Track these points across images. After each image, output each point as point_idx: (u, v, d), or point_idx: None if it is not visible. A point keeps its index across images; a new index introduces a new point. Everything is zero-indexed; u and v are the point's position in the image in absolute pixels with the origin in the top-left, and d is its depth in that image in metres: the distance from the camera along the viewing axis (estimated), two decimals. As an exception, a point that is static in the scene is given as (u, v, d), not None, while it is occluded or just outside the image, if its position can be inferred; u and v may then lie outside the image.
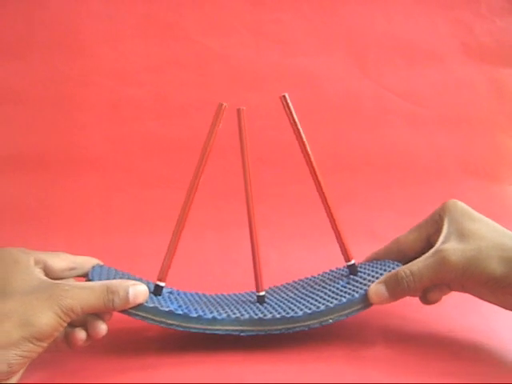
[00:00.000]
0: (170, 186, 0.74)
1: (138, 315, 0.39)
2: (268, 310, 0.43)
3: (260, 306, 0.44)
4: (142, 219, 0.72)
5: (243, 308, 0.43)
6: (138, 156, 0.76)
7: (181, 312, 0.40)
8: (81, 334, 0.37)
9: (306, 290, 0.47)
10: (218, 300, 0.47)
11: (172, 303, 0.42)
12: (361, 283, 0.44)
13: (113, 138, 0.76)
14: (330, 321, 0.41)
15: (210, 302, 0.45)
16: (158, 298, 0.42)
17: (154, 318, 0.39)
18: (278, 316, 0.41)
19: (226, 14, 0.79)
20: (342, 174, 0.79)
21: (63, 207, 0.72)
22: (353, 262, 0.47)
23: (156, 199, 0.73)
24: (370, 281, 0.43)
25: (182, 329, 0.40)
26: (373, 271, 0.45)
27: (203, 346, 0.41)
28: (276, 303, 0.45)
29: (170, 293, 0.46)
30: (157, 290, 0.43)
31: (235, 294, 0.49)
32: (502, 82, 0.87)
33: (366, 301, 0.42)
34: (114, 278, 0.42)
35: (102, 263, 0.45)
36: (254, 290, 0.46)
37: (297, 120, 0.44)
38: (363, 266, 0.48)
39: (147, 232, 0.69)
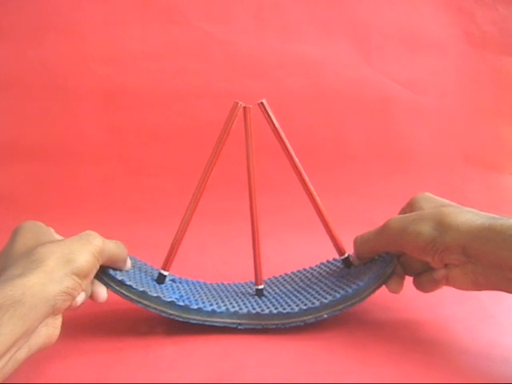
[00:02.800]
0: (169, 175, 0.73)
1: (140, 303, 0.40)
2: (266, 305, 0.43)
3: (258, 300, 0.45)
4: (140, 208, 0.71)
5: (242, 301, 0.44)
6: (136, 144, 0.76)
7: (182, 303, 0.40)
8: (101, 289, 0.39)
9: (303, 284, 0.47)
10: (218, 290, 0.47)
11: (174, 293, 0.42)
12: (354, 277, 0.44)
13: (110, 126, 0.75)
14: (325, 316, 0.42)
15: (210, 292, 0.46)
16: (160, 287, 0.43)
17: (156, 307, 0.40)
18: (274, 312, 0.42)
19: (226, -1, 0.78)
20: (343, 162, 0.79)
21: (59, 196, 0.71)
22: (346, 255, 0.47)
23: (154, 188, 0.72)
24: (363, 274, 0.44)
25: (181, 319, 0.40)
26: (365, 264, 0.46)
27: (202, 328, 0.42)
28: (274, 297, 0.45)
29: (173, 281, 0.47)
30: (160, 279, 0.44)
31: (235, 284, 0.50)
32: (504, 71, 0.86)
33: (359, 295, 0.42)
34: None
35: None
36: (254, 281, 0.47)
37: (277, 125, 0.44)
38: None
39: (145, 221, 0.69)
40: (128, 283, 0.39)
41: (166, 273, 0.44)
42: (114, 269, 0.41)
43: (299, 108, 0.79)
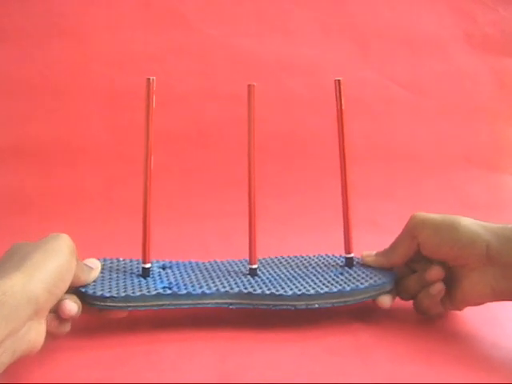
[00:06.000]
0: (172, 176, 0.73)
1: (129, 307, 0.40)
2: (258, 285, 0.43)
3: (251, 280, 0.45)
4: (139, 210, 0.71)
5: (234, 280, 0.44)
6: (138, 146, 0.76)
7: (169, 291, 0.41)
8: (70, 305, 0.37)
9: (300, 270, 0.47)
10: (210, 270, 0.47)
11: (162, 281, 0.43)
12: (354, 278, 0.45)
13: (112, 127, 0.75)
14: (316, 305, 0.42)
15: (201, 273, 0.46)
16: (146, 281, 0.43)
17: (144, 304, 0.40)
18: (267, 292, 0.42)
19: (227, 1, 0.79)
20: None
21: (62, 197, 0.72)
22: (352, 255, 0.47)
23: (156, 189, 0.72)
24: (363, 278, 0.44)
25: (173, 307, 0.41)
26: (368, 271, 0.46)
27: (204, 327, 0.42)
28: (267, 278, 0.45)
29: (163, 267, 0.47)
30: (144, 273, 0.44)
31: (228, 262, 0.49)
32: (505, 72, 0.86)
33: (354, 296, 0.43)
34: None
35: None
36: (248, 259, 0.46)
37: (343, 107, 0.45)
38: (359, 262, 0.49)
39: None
40: (108, 295, 0.39)
41: (147, 265, 0.44)
42: (89, 284, 0.40)
43: (300, 109, 0.80)
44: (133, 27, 0.77)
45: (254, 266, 0.46)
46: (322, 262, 0.49)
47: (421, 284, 0.43)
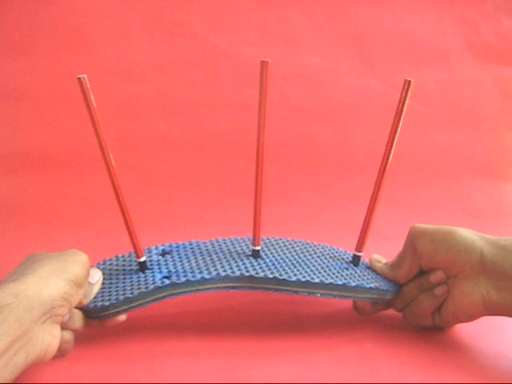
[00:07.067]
0: (176, 184, 0.74)
1: (131, 308, 0.40)
2: (261, 268, 0.42)
3: (253, 261, 0.44)
4: (148, 217, 0.72)
5: (235, 263, 0.43)
6: (144, 154, 0.76)
7: (168, 282, 0.40)
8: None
9: (304, 256, 0.47)
10: (211, 251, 0.46)
11: (161, 271, 0.42)
12: (359, 276, 0.44)
13: (119, 136, 0.76)
14: (318, 295, 0.42)
15: (202, 255, 0.45)
16: (145, 275, 0.42)
17: (145, 300, 0.40)
18: (270, 276, 0.41)
19: (232, 11, 0.79)
20: (347, 172, 0.79)
21: (68, 206, 0.72)
22: (361, 254, 0.47)
23: (162, 197, 0.73)
24: (368, 279, 0.44)
25: (175, 296, 0.40)
26: (373, 273, 0.46)
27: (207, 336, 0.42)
28: (271, 260, 0.44)
29: (162, 253, 0.46)
30: (141, 267, 0.43)
31: (231, 241, 0.48)
32: (507, 81, 0.87)
33: (356, 293, 0.42)
34: None
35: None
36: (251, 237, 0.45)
37: (405, 107, 0.45)
38: (365, 264, 0.49)
39: (153, 229, 0.69)
40: (108, 303, 0.39)
41: (142, 259, 0.43)
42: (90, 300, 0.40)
43: (304, 118, 0.80)
44: (139, 37, 0.78)
45: (257, 248, 0.45)
46: (328, 253, 0.49)
47: (421, 289, 0.43)
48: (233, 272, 0.41)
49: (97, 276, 0.41)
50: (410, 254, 0.43)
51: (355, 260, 0.47)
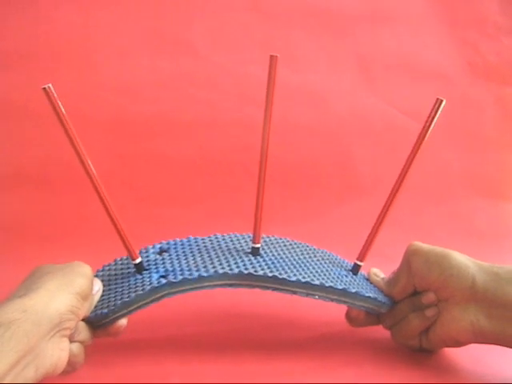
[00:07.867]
0: (177, 204, 0.74)
1: (130, 311, 0.40)
2: (260, 266, 0.42)
3: (252, 259, 0.43)
4: (146, 237, 0.72)
5: (234, 261, 0.42)
6: (144, 173, 0.76)
7: (164, 281, 0.40)
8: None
9: (304, 257, 0.46)
10: (210, 247, 0.45)
11: (158, 271, 0.41)
12: (358, 284, 0.44)
13: (118, 154, 0.75)
14: (316, 297, 0.42)
15: (200, 252, 0.44)
16: (142, 276, 0.42)
17: (143, 302, 0.40)
18: (269, 274, 0.40)
19: (234, 30, 0.80)
20: (348, 192, 0.79)
21: (66, 224, 0.71)
22: (362, 264, 0.47)
23: (162, 216, 0.73)
24: (366, 289, 0.44)
25: (172, 295, 0.40)
26: (371, 285, 0.46)
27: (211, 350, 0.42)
28: (270, 259, 0.43)
29: (160, 252, 0.46)
30: (138, 269, 0.43)
31: (230, 237, 0.47)
32: (508, 101, 0.87)
33: (353, 299, 0.42)
34: None
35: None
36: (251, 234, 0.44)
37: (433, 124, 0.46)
38: (363, 275, 0.49)
39: (152, 236, 0.69)
40: (107, 310, 0.39)
41: (137, 261, 0.43)
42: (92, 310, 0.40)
43: (306, 137, 0.81)
44: (141, 55, 0.78)
45: (257, 245, 0.44)
46: (328, 258, 0.48)
47: (412, 308, 0.43)
48: (231, 269, 0.41)
49: (96, 286, 0.41)
50: (406, 271, 0.44)
51: (355, 269, 0.47)
